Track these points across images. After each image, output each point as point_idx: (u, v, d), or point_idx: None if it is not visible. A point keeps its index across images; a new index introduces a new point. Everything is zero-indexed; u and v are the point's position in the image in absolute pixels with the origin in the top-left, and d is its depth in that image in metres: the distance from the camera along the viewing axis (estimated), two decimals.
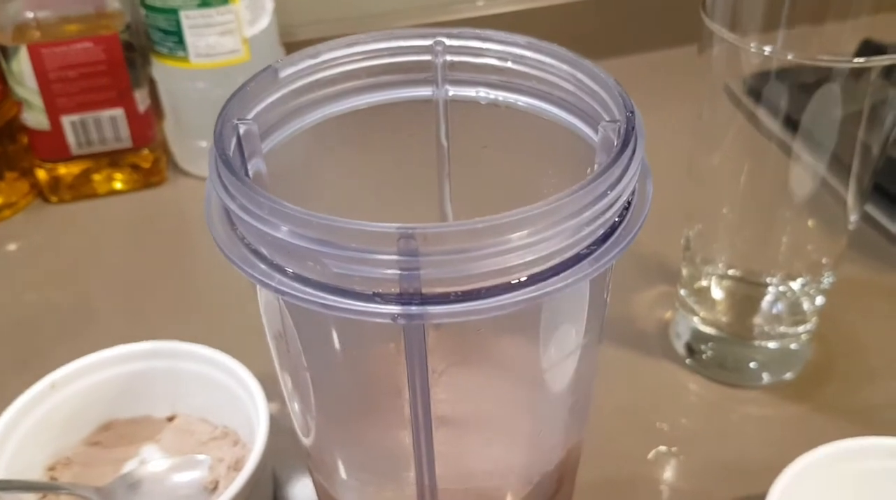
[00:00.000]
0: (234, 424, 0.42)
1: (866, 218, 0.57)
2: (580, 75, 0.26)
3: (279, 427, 0.42)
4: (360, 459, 0.28)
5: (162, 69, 0.60)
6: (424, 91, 0.30)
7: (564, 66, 0.27)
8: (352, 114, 0.29)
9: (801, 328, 0.46)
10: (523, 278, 0.21)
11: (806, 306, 0.45)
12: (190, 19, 0.56)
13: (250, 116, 0.26)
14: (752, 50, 0.37)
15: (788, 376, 0.47)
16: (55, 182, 0.61)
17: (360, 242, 0.20)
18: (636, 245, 0.54)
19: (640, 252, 0.55)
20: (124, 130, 0.59)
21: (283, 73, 0.27)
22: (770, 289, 0.45)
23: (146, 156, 0.62)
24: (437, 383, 0.25)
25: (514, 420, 0.27)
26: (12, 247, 0.59)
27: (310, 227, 0.21)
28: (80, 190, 0.62)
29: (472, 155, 0.31)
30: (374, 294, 0.21)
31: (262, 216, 0.21)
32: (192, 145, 0.62)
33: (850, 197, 0.42)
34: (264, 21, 0.59)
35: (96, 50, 0.56)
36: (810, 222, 0.44)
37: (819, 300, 0.45)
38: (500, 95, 0.29)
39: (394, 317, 0.21)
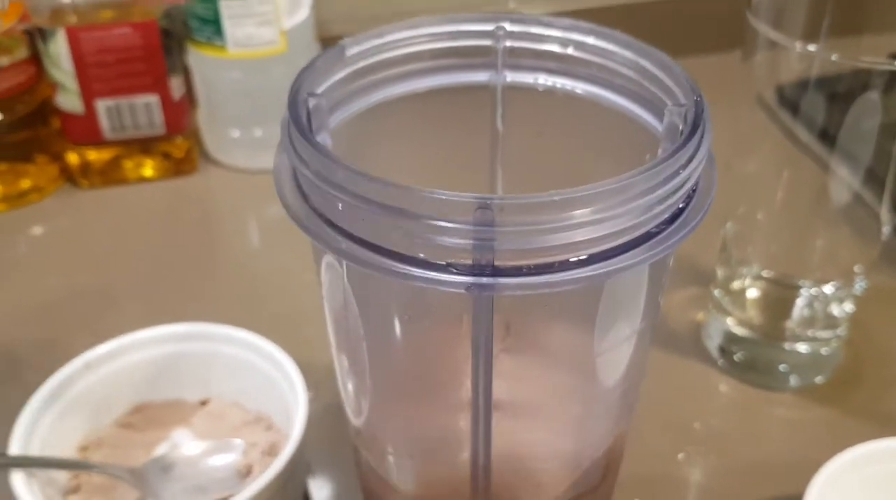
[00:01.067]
0: (268, 409, 0.42)
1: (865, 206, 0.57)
2: (644, 62, 0.27)
3: (314, 415, 0.42)
4: (415, 437, 0.28)
5: (198, 57, 0.60)
6: (483, 76, 0.30)
7: (628, 53, 0.27)
8: (412, 96, 0.29)
9: (831, 333, 0.46)
10: (586, 256, 0.21)
11: (837, 311, 0.45)
12: (229, 8, 0.57)
13: (319, 91, 0.26)
14: (797, 49, 0.37)
15: (819, 379, 0.47)
16: (86, 167, 0.61)
17: (436, 211, 0.20)
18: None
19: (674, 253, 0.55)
20: (158, 117, 0.60)
21: (350, 52, 0.27)
22: (802, 292, 0.45)
23: (179, 144, 0.62)
24: (495, 365, 0.25)
25: (566, 405, 0.27)
26: (39, 231, 0.59)
27: (386, 194, 0.21)
28: (111, 176, 0.62)
29: (527, 141, 0.32)
30: (448, 264, 0.21)
31: (338, 183, 0.21)
32: (224, 135, 0.63)
33: (884, 208, 0.42)
34: (302, 13, 0.59)
35: (134, 35, 0.56)
36: (844, 230, 0.44)
37: (850, 306, 0.45)
38: (559, 82, 0.29)
39: (467, 286, 0.21)
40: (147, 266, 0.56)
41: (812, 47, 0.38)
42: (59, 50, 0.56)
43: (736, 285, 0.47)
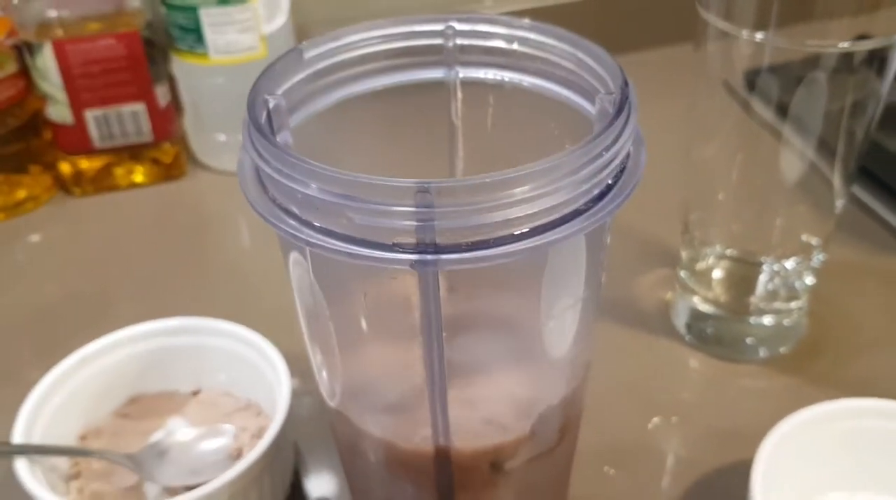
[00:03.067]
0: (257, 397, 0.44)
1: (856, 202, 0.59)
2: (579, 53, 0.29)
3: (300, 401, 0.45)
4: (381, 404, 0.30)
5: (181, 66, 0.62)
6: (437, 73, 0.32)
7: (565, 46, 0.29)
8: (370, 94, 0.32)
9: (794, 304, 0.48)
10: (526, 230, 0.23)
11: (798, 284, 0.48)
12: (209, 17, 0.59)
13: (279, 92, 0.28)
14: (745, 37, 0.39)
15: (783, 350, 0.49)
16: (78, 175, 0.64)
17: (380, 196, 0.23)
18: (638, 231, 0.57)
19: (641, 238, 0.57)
20: (145, 125, 0.62)
21: (308, 55, 0.29)
22: (765, 268, 0.47)
23: (167, 150, 0.64)
24: (449, 332, 0.27)
25: (516, 365, 0.30)
26: (35, 238, 0.61)
27: (336, 183, 0.23)
28: (102, 183, 0.64)
29: (482, 133, 0.34)
30: (394, 244, 0.23)
31: (293, 175, 0.24)
32: (210, 139, 0.65)
33: (837, 180, 0.44)
34: (280, 19, 0.61)
35: (118, 46, 0.59)
36: (800, 207, 0.46)
37: (810, 279, 0.47)
38: (507, 76, 0.32)
39: (411, 264, 0.23)
40: (141, 269, 0.58)
41: (760, 35, 0.40)
42: (46, 63, 0.59)
43: (700, 265, 0.49)
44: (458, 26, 0.31)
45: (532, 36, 0.30)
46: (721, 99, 0.44)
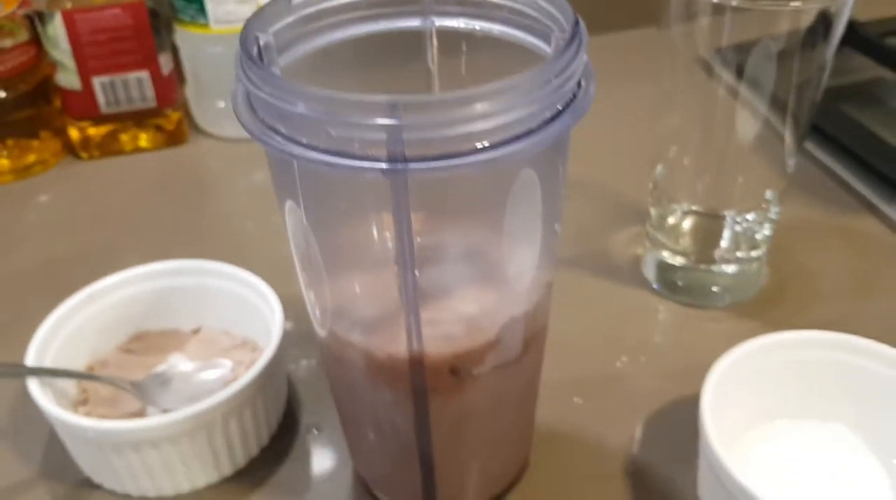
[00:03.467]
0: (254, 334, 0.47)
1: (816, 163, 0.64)
2: (540, 1, 0.32)
3: (293, 341, 0.48)
4: (362, 319, 0.33)
5: (184, 35, 0.66)
6: (414, 22, 0.36)
7: None
8: (352, 41, 0.35)
9: (754, 253, 0.51)
10: (486, 144, 0.27)
11: (759, 235, 0.51)
12: None
13: (268, 32, 0.31)
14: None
15: (746, 297, 0.52)
16: (86, 141, 0.67)
17: (355, 112, 0.26)
18: (611, 193, 0.60)
19: (615, 200, 0.61)
20: (149, 91, 0.65)
21: (296, 1, 0.33)
22: (727, 221, 0.51)
23: (170, 117, 0.67)
24: (420, 251, 0.31)
25: (482, 260, 0.33)
26: (44, 198, 0.65)
27: (317, 101, 0.26)
28: (109, 148, 0.68)
29: (456, 78, 0.37)
30: (368, 155, 0.27)
31: (281, 96, 0.27)
32: (211, 107, 0.68)
33: (788, 139, 0.48)
34: None
35: (124, 16, 0.62)
36: (758, 164, 0.49)
37: (769, 230, 0.51)
38: (478, 24, 0.35)
39: (383, 171, 0.26)
40: (144, 225, 0.61)
41: None
42: (56, 31, 0.62)
43: (668, 221, 0.52)
44: None
45: None
46: (684, 69, 0.47)
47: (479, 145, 0.27)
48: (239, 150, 0.68)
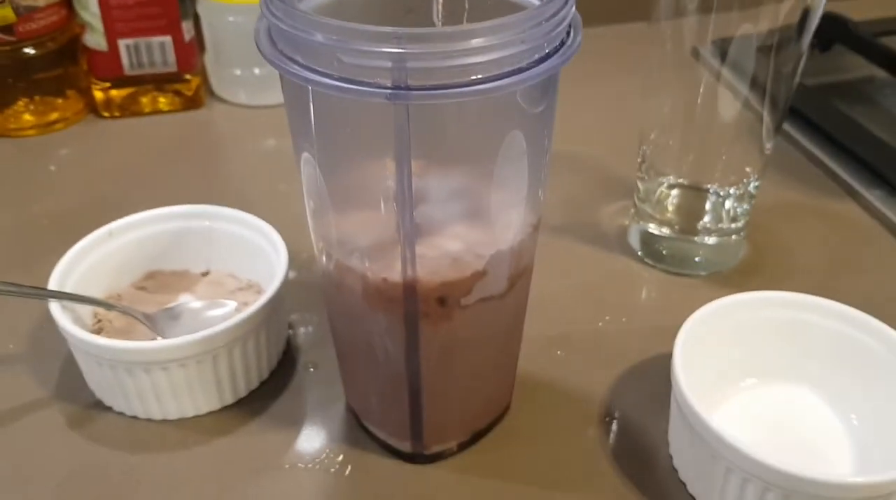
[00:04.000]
0: (259, 278, 0.51)
1: (798, 147, 0.67)
2: None
3: (296, 286, 0.51)
4: (362, 248, 0.36)
5: (206, 5, 0.69)
6: None
7: None
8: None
9: (734, 225, 0.54)
10: (479, 77, 0.30)
11: (739, 209, 0.54)
12: None
13: None
14: None
15: (726, 268, 0.55)
16: (108, 101, 0.70)
17: (364, 40, 0.29)
18: (601, 168, 0.64)
19: (604, 174, 0.65)
20: (171, 56, 0.69)
21: None
22: (710, 195, 0.54)
23: (190, 83, 0.71)
24: (417, 189, 0.34)
25: (474, 196, 0.36)
26: (65, 152, 0.68)
27: (330, 29, 0.29)
28: (129, 109, 0.71)
29: None
30: (375, 82, 0.30)
31: (299, 26, 0.30)
32: (228, 74, 0.72)
33: (765, 131, 0.51)
34: None
35: None
36: (738, 144, 0.52)
37: (749, 203, 0.54)
38: None
39: (387, 96, 0.29)
40: (159, 180, 0.64)
41: None
42: None
43: (655, 194, 0.56)
44: None
45: None
46: (672, 57, 0.50)
47: (473, 78, 0.30)
48: (252, 116, 0.72)
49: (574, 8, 0.33)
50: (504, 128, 0.33)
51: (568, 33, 0.33)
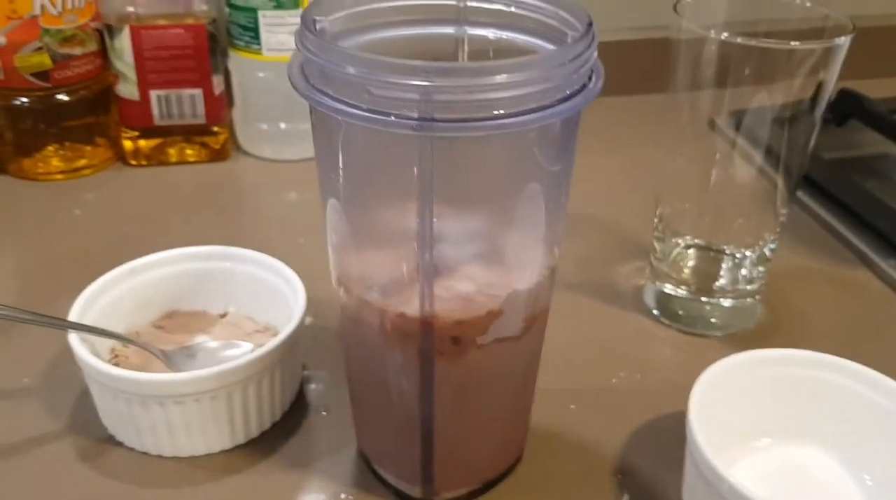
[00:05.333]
0: (276, 321, 0.51)
1: (813, 215, 0.68)
2: (561, 12, 0.37)
3: (312, 331, 0.51)
4: (381, 284, 0.37)
5: (237, 60, 0.71)
6: (449, 29, 0.40)
7: (550, 6, 0.37)
8: (393, 40, 0.39)
9: (750, 288, 0.55)
10: (502, 112, 0.31)
11: (754, 271, 0.54)
12: (266, 18, 0.68)
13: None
14: (712, 35, 0.47)
15: (741, 329, 0.55)
16: (136, 150, 0.72)
17: (393, 73, 0.30)
18: (617, 229, 0.64)
19: (621, 235, 0.65)
20: (200, 108, 0.71)
21: None
22: (726, 257, 0.54)
23: (217, 136, 0.72)
24: (438, 219, 0.34)
25: (492, 237, 0.37)
26: (91, 196, 0.69)
27: (361, 63, 0.31)
28: (156, 158, 0.72)
29: None
30: (402, 114, 0.31)
31: (332, 60, 0.31)
32: (255, 129, 0.73)
33: (781, 187, 0.52)
34: None
35: (186, 36, 0.68)
36: (754, 207, 0.53)
37: (765, 266, 0.54)
38: (505, 34, 0.39)
39: (413, 126, 0.30)
40: (181, 226, 0.66)
41: (725, 34, 0.48)
42: (123, 45, 0.68)
43: (671, 253, 0.56)
44: None
45: (526, 0, 0.38)
46: (689, 125, 0.52)
47: (496, 113, 0.31)
48: (276, 169, 0.73)
49: (596, 53, 0.34)
50: (524, 171, 0.34)
51: (590, 77, 0.34)
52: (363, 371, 0.41)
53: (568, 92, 0.33)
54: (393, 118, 0.31)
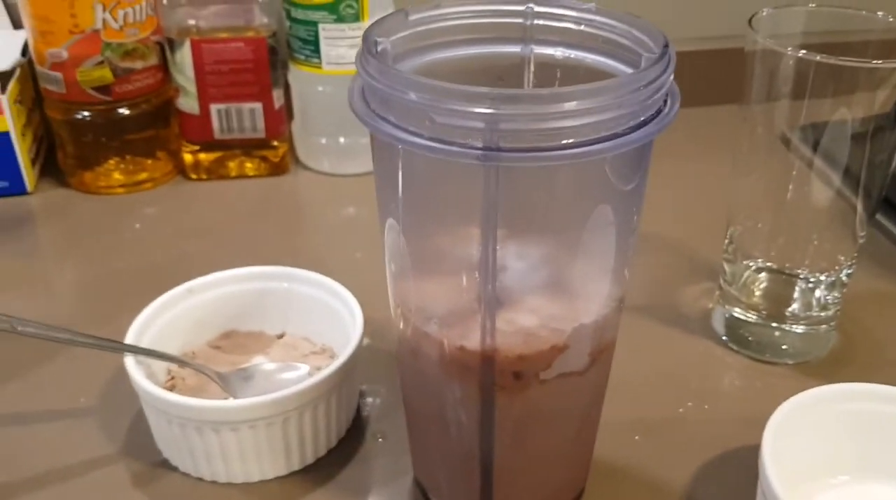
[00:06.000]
0: (333, 343, 0.50)
1: (884, 231, 0.66)
2: (634, 31, 0.35)
3: (369, 355, 0.50)
4: (441, 314, 0.36)
5: (297, 74, 0.71)
6: (515, 48, 0.39)
7: (623, 25, 0.35)
8: (457, 60, 0.38)
9: (825, 314, 0.52)
10: (571, 142, 0.29)
11: (829, 297, 0.52)
12: (327, 32, 0.67)
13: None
14: (789, 52, 0.45)
15: (814, 357, 0.53)
16: (196, 164, 0.72)
17: (457, 100, 0.29)
18: (685, 249, 0.62)
19: (687, 255, 0.63)
20: (260, 122, 0.70)
21: (412, 17, 0.36)
22: (800, 281, 0.52)
23: (277, 150, 0.72)
24: (501, 248, 0.33)
25: (558, 267, 0.35)
26: (151, 211, 0.69)
27: (424, 89, 0.29)
28: (216, 172, 0.72)
29: None
30: (466, 144, 0.29)
31: (393, 86, 0.30)
32: (314, 142, 0.73)
33: (860, 209, 0.49)
34: None
35: (246, 49, 0.67)
36: (830, 229, 0.51)
37: (840, 291, 0.52)
38: (573, 53, 0.38)
39: (478, 156, 0.29)
40: (241, 241, 0.65)
41: (802, 52, 0.46)
42: (184, 59, 0.67)
43: (741, 277, 0.54)
44: (537, 8, 0.37)
45: (597, 18, 0.36)
46: (763, 141, 0.49)
47: (565, 142, 0.29)
48: (334, 184, 0.72)
49: (672, 77, 0.32)
50: (593, 198, 0.33)
51: (664, 101, 0.32)
52: (421, 402, 0.40)
53: (642, 118, 0.31)
54: (457, 148, 0.29)
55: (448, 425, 0.38)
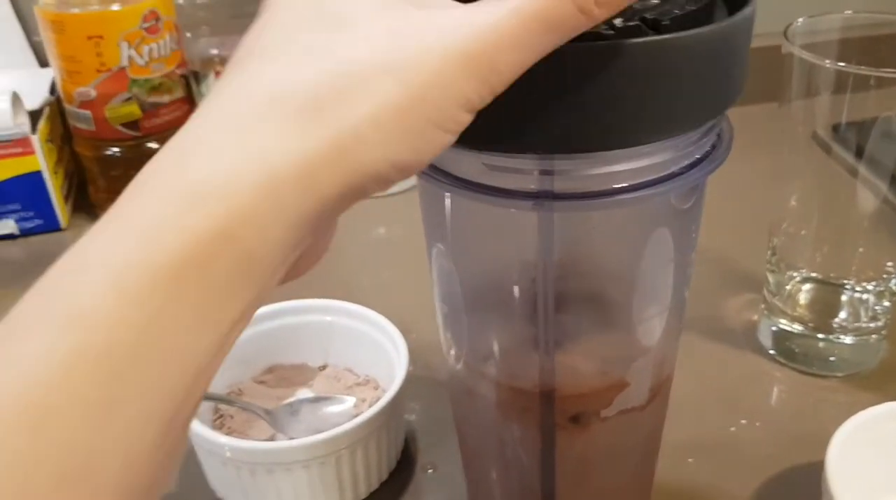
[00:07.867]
0: (376, 374, 0.50)
1: None
2: None
3: (416, 384, 0.50)
4: (496, 348, 0.35)
5: None
6: None
7: None
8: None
9: (874, 325, 0.51)
10: (626, 185, 0.29)
11: (878, 306, 0.51)
12: None
13: None
14: (828, 65, 0.44)
15: (864, 368, 0.52)
16: None
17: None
18: (726, 259, 0.61)
19: (729, 266, 0.62)
20: None
21: None
22: (847, 291, 0.51)
23: None
24: (559, 291, 0.32)
25: (616, 304, 0.35)
26: None
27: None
28: None
29: None
30: (519, 189, 0.29)
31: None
32: None
33: None
34: None
35: None
36: (877, 236, 0.50)
37: (890, 300, 0.51)
38: None
39: (531, 206, 0.29)
40: None
41: (842, 63, 0.45)
42: (209, 90, 0.67)
43: (786, 288, 0.53)
44: None
45: None
46: (803, 144, 0.49)
47: (618, 186, 0.29)
48: (366, 206, 0.71)
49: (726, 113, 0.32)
50: (649, 228, 0.32)
51: (719, 135, 0.32)
52: (477, 440, 0.40)
53: (697, 156, 0.30)
54: (510, 199, 0.29)
55: (507, 463, 0.38)
